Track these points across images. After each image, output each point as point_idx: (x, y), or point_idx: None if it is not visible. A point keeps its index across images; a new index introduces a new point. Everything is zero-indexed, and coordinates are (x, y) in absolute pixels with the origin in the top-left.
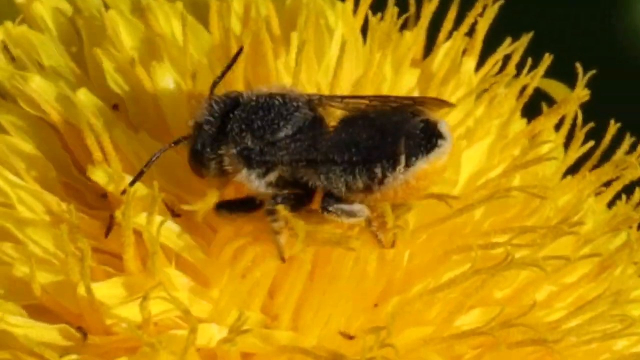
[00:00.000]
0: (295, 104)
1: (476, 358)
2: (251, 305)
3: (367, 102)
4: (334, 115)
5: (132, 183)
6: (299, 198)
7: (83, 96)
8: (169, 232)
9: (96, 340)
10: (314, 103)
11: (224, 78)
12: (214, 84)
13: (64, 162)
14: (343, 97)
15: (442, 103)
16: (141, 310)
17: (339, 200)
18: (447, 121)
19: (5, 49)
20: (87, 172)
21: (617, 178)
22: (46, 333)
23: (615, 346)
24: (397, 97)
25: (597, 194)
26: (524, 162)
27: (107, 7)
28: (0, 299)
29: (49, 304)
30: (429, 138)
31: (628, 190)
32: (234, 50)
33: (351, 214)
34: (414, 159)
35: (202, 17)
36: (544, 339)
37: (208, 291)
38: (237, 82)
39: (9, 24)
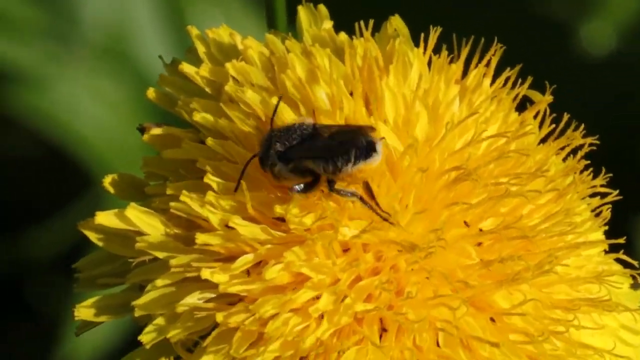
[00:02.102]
0: (305, 126)
1: (489, 245)
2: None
3: (338, 127)
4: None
5: (236, 189)
6: (311, 184)
7: (274, 101)
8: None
9: (283, 235)
10: (315, 127)
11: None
12: (272, 121)
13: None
14: (327, 125)
15: (372, 129)
16: (308, 221)
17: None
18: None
19: (232, 76)
20: None
21: (568, 145)
22: (255, 230)
23: (566, 238)
24: (354, 125)
25: (557, 154)
26: (517, 135)
27: (288, 51)
28: (228, 213)
29: (257, 216)
30: (368, 152)
31: (574, 152)
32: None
33: (348, 194)
34: (357, 161)
35: (340, 57)
36: (527, 235)
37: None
38: (359, 94)
39: (235, 62)
